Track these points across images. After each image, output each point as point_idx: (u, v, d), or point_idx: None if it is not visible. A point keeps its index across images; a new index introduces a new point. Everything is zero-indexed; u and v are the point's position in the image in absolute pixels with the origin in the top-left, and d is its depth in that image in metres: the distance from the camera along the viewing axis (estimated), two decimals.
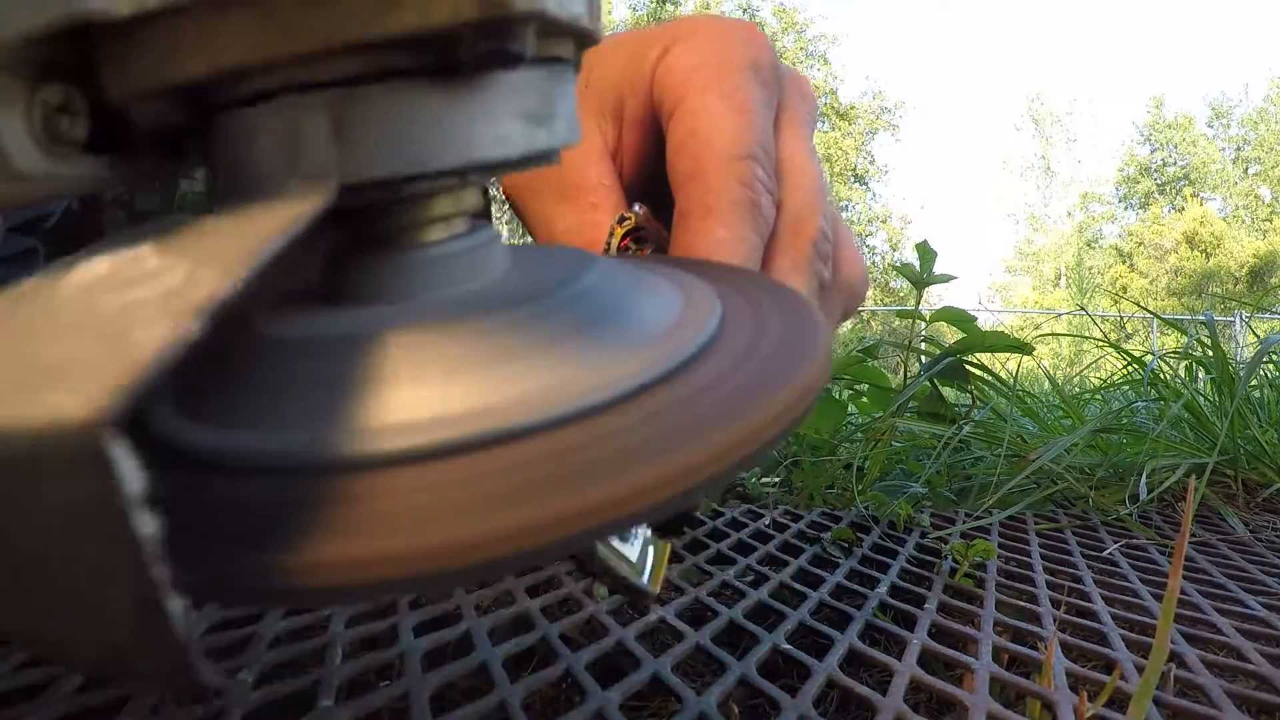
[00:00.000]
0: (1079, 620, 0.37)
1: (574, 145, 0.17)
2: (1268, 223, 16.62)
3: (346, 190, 0.14)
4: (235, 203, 0.14)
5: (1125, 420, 0.73)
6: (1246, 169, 18.08)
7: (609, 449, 0.13)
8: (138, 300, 0.10)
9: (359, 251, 0.16)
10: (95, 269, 0.12)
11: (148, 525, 0.09)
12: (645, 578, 0.22)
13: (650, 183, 0.29)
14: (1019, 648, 0.32)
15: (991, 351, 0.73)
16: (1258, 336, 0.87)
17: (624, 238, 0.26)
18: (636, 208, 0.26)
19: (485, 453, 0.13)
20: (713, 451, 0.13)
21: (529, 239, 0.29)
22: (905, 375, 0.76)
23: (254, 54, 0.12)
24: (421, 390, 0.14)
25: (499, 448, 0.13)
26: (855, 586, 0.40)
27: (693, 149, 0.26)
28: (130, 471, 0.09)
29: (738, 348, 0.16)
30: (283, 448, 0.13)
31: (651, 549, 0.23)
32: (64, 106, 0.13)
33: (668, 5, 15.66)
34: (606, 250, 0.26)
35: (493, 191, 0.34)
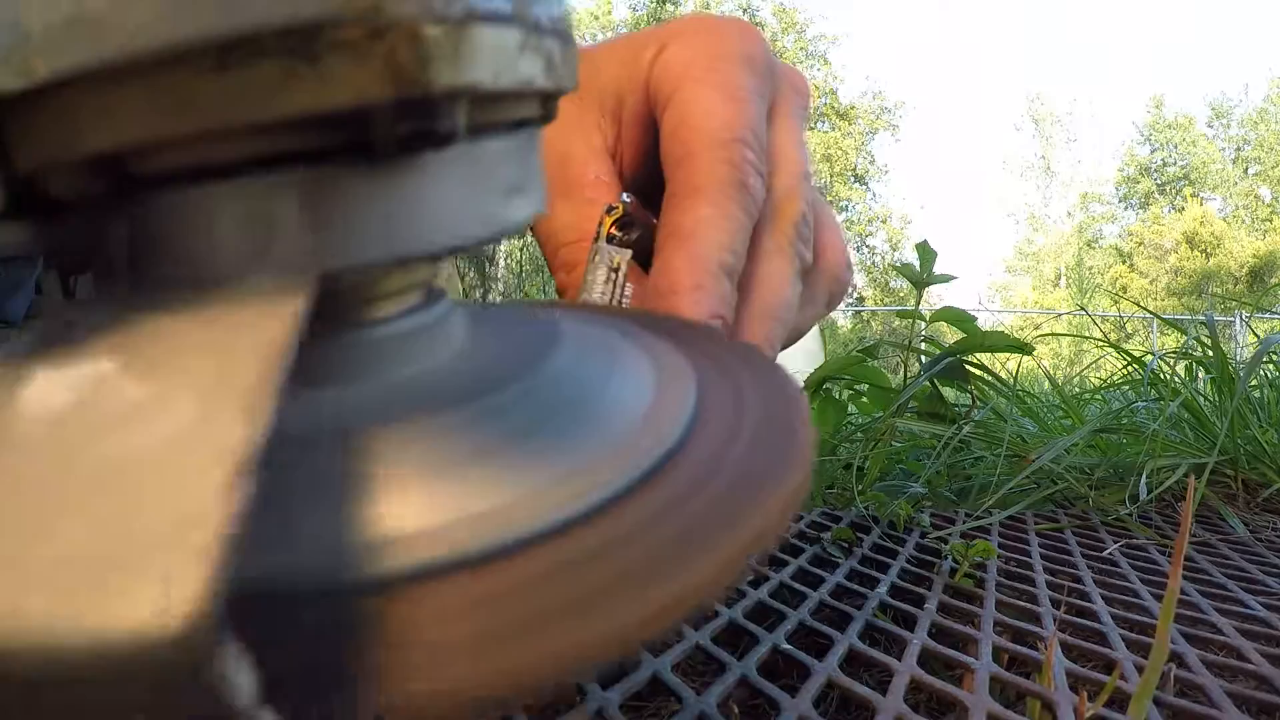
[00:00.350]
0: (1079, 620, 0.37)
1: (542, 216, 0.16)
2: (1268, 223, 16.62)
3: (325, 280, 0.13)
4: (185, 301, 0.12)
5: (1125, 420, 0.73)
6: (1246, 169, 18.08)
7: (629, 559, 0.12)
8: (157, 449, 0.09)
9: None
10: (53, 400, 0.10)
11: None
12: None
13: (650, 181, 0.30)
14: (1019, 648, 0.32)
15: (991, 351, 0.73)
16: (1258, 336, 0.87)
17: (612, 226, 0.27)
18: (625, 198, 0.27)
19: (504, 564, 0.12)
20: (737, 547, 0.12)
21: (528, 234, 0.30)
22: (905, 375, 0.76)
23: (153, 130, 0.11)
24: (412, 496, 0.13)
25: (512, 559, 0.12)
26: (855, 586, 0.40)
27: (683, 135, 0.26)
28: (244, 680, 0.07)
29: (718, 442, 0.15)
30: (299, 570, 0.12)
31: None
32: None
33: (667, 5, 15.66)
34: (596, 238, 0.27)
35: None
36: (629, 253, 0.26)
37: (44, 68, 0.11)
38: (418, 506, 0.13)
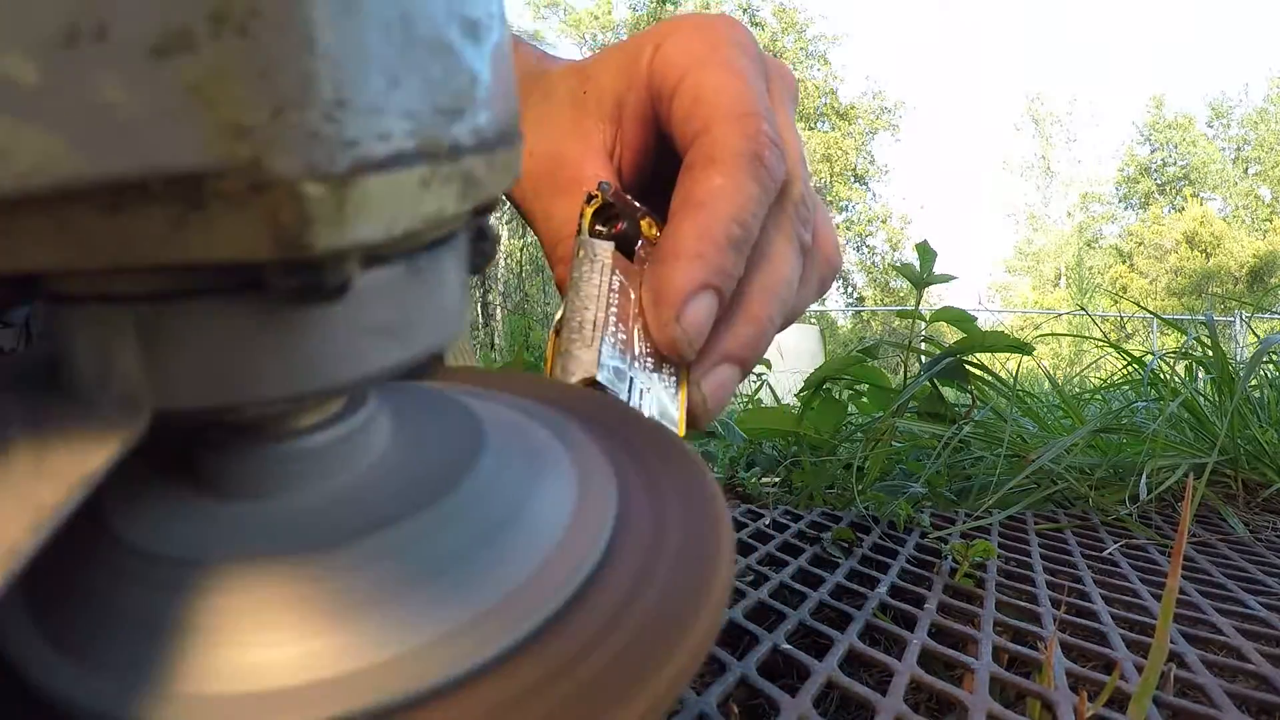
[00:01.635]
0: (1079, 620, 0.37)
1: (456, 338, 0.15)
2: (1268, 223, 16.62)
3: (163, 415, 0.13)
4: (49, 414, 0.13)
5: (1125, 420, 0.73)
6: (1246, 169, 18.07)
7: None
8: None
9: (213, 436, 0.15)
10: None
11: None
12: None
13: (650, 181, 0.30)
14: (1019, 648, 0.32)
15: (991, 351, 0.73)
16: (1258, 336, 0.87)
17: (594, 219, 0.26)
18: (603, 185, 0.27)
19: None
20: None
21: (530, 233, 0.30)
22: (905, 375, 0.76)
23: (51, 261, 0.11)
24: (256, 651, 0.12)
25: None
26: (855, 586, 0.40)
27: (701, 111, 0.27)
28: None
29: (635, 573, 0.15)
30: (113, 708, 0.12)
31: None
32: None
33: (667, 5, 15.66)
34: (579, 232, 0.26)
35: None
36: (611, 245, 0.26)
37: None
38: (291, 657, 0.12)
